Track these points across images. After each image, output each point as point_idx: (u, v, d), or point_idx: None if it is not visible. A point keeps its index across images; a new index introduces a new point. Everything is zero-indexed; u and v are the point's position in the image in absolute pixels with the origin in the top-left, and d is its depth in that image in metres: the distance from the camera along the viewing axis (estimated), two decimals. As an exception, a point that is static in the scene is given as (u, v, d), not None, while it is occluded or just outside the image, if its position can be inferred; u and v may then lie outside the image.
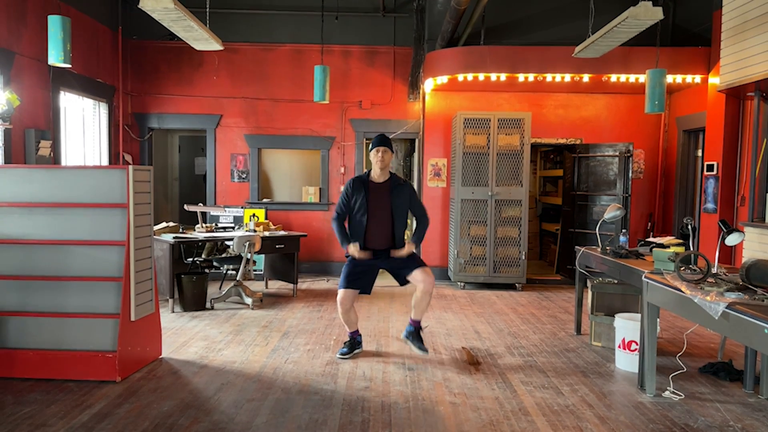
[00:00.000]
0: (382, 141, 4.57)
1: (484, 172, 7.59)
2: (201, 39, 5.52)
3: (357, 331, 4.74)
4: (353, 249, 4.47)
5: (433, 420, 3.46)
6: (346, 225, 4.64)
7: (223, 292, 6.50)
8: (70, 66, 5.32)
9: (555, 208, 9.75)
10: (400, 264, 4.52)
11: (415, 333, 4.61)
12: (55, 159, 6.64)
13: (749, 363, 4.01)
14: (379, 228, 4.53)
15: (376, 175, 4.59)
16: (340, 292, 4.54)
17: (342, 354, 4.62)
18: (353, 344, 4.70)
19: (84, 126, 7.55)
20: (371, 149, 4.57)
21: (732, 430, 3.39)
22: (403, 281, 4.61)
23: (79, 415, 3.43)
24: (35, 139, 6.22)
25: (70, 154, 7.22)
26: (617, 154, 7.82)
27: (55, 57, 5.08)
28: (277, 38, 8.52)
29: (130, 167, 4.10)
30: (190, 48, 6.75)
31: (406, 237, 4.67)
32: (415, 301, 4.57)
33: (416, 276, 4.47)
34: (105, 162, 7.94)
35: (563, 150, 8.76)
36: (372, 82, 8.57)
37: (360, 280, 4.56)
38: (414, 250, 4.54)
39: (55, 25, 5.06)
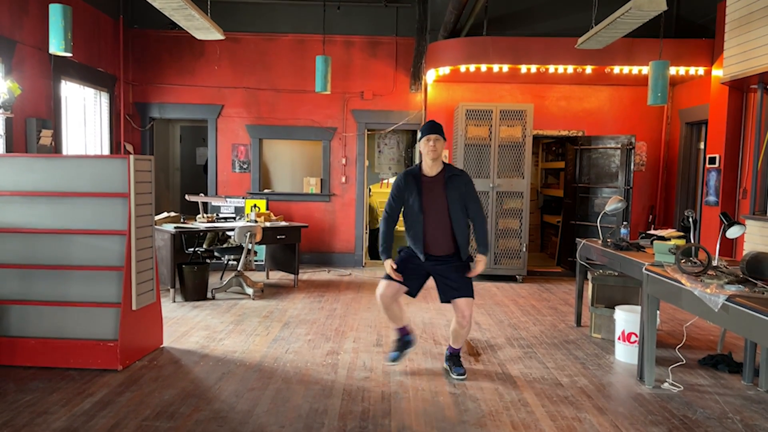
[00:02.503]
0: (433, 128, 3.96)
1: (485, 163, 7.58)
2: (202, 28, 5.51)
3: (405, 327, 4.16)
4: (388, 266, 3.93)
5: (433, 410, 3.47)
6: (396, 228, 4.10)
7: (224, 283, 6.52)
8: (71, 55, 5.31)
9: (556, 200, 9.74)
10: (453, 281, 3.93)
11: (456, 357, 4.11)
12: (56, 148, 6.64)
13: (749, 355, 4.02)
14: (437, 230, 3.92)
15: (428, 167, 3.97)
16: (381, 284, 3.98)
17: (392, 360, 4.14)
18: (403, 344, 4.19)
19: (85, 115, 7.55)
20: (420, 138, 3.98)
21: (731, 422, 3.40)
22: (445, 299, 4.00)
23: (81, 402, 3.45)
24: (36, 128, 6.22)
25: (71, 144, 7.22)
26: (619, 146, 7.80)
27: (56, 46, 5.07)
28: (278, 28, 8.48)
29: (131, 157, 4.10)
30: (192, 37, 6.72)
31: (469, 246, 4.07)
32: (452, 331, 4.06)
33: (459, 304, 3.90)
34: (106, 151, 7.94)
35: (565, 142, 8.73)
36: (374, 73, 8.54)
37: (407, 277, 3.97)
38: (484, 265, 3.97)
39: (56, 13, 5.05)
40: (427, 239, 3.94)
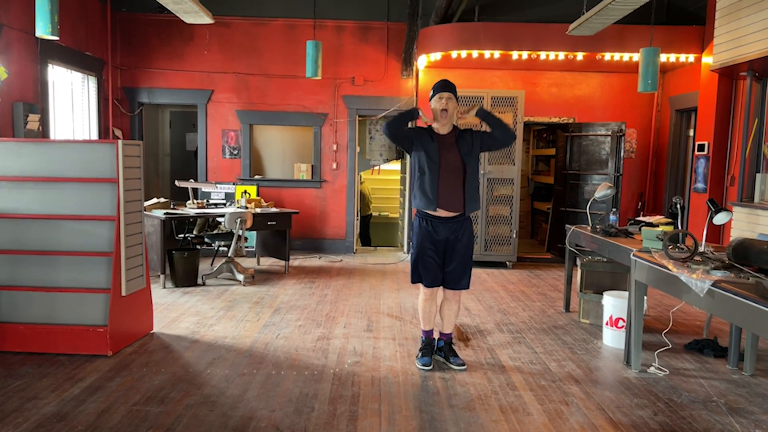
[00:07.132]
0: (446, 86, 3.84)
1: (476, 150, 7.56)
2: (191, 12, 5.45)
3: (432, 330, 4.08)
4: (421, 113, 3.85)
5: (423, 394, 3.51)
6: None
7: (215, 269, 6.51)
8: (58, 38, 5.22)
9: (547, 187, 9.78)
10: (456, 266, 3.89)
11: (449, 347, 4.03)
12: (43, 133, 6.58)
13: (734, 340, 4.07)
14: (449, 186, 3.78)
15: (440, 126, 3.87)
16: (425, 291, 3.94)
17: (424, 364, 3.93)
18: (431, 347, 4.05)
19: (73, 100, 7.46)
20: (432, 96, 3.86)
21: (715, 405, 3.45)
22: (444, 283, 3.96)
23: (71, 388, 3.45)
24: (23, 112, 6.15)
25: (59, 129, 7.14)
26: (609, 133, 7.82)
27: (43, 29, 4.98)
28: (269, 12, 8.40)
29: (120, 142, 4.07)
30: (181, 21, 6.65)
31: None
32: (445, 315, 4.05)
33: (452, 294, 4.01)
34: (94, 136, 7.86)
35: (556, 129, 8.75)
36: (365, 59, 8.49)
37: (428, 266, 3.88)
38: (478, 114, 3.86)
39: (42, -5, 4.96)
40: (441, 198, 3.78)
